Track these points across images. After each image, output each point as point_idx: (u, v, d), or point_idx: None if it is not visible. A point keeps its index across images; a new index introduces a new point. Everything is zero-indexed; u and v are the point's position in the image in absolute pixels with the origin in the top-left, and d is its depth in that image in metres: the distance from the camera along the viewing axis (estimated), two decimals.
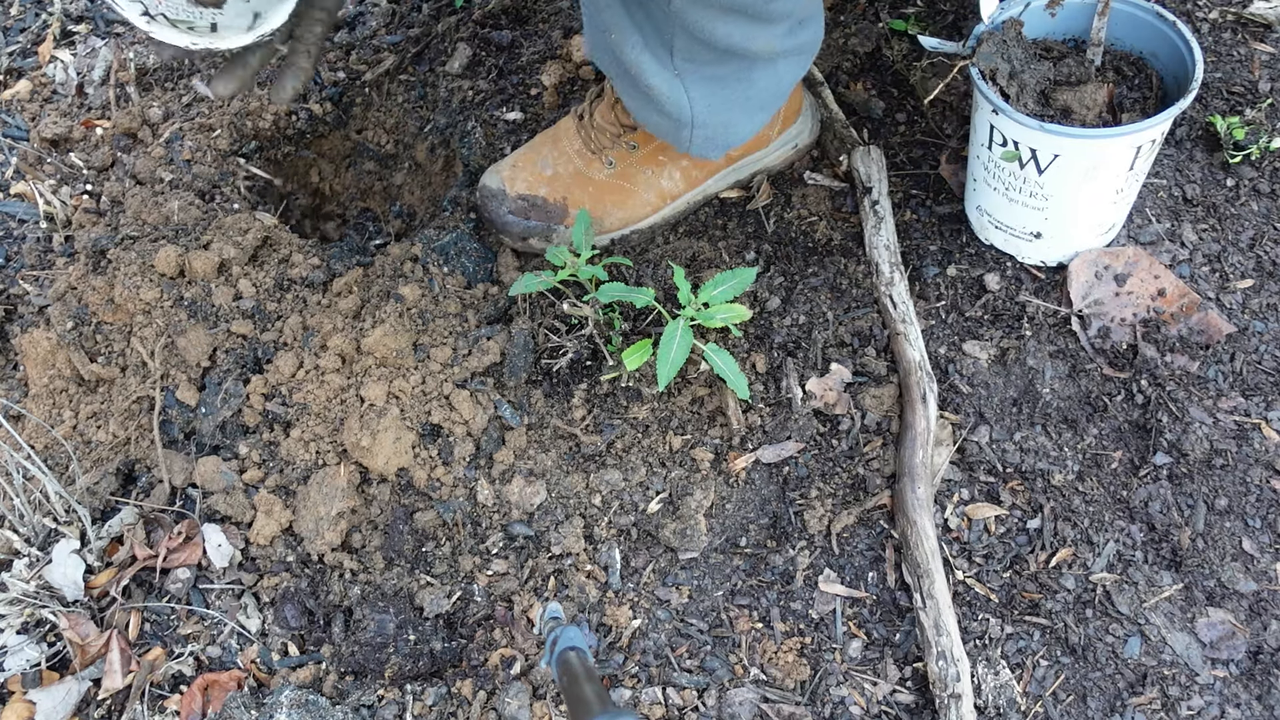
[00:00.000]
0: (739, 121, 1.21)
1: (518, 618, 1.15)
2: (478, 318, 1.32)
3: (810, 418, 1.24)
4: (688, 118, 1.17)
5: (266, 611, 1.18)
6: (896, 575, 1.16)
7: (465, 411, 1.24)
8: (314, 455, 1.22)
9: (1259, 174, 1.39)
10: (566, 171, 1.35)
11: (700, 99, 1.15)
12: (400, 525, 1.20)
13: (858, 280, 1.35)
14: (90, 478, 1.23)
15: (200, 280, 1.33)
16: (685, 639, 1.14)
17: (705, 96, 1.15)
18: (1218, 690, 1.08)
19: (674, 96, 1.15)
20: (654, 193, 1.36)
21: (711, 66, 1.12)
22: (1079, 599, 1.13)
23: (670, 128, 1.21)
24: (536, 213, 1.34)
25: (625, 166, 1.34)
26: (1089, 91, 1.17)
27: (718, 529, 1.20)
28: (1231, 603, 1.13)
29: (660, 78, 1.13)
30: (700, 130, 1.19)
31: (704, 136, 1.20)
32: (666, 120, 1.19)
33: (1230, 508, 1.17)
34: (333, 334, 1.28)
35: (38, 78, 1.63)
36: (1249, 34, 1.51)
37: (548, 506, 1.21)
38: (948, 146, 1.44)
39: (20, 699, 1.11)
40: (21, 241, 1.48)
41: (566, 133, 1.36)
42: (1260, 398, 1.23)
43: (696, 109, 1.16)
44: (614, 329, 1.30)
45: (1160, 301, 1.28)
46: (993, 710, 1.08)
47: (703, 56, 1.10)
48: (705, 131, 1.20)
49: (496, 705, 1.09)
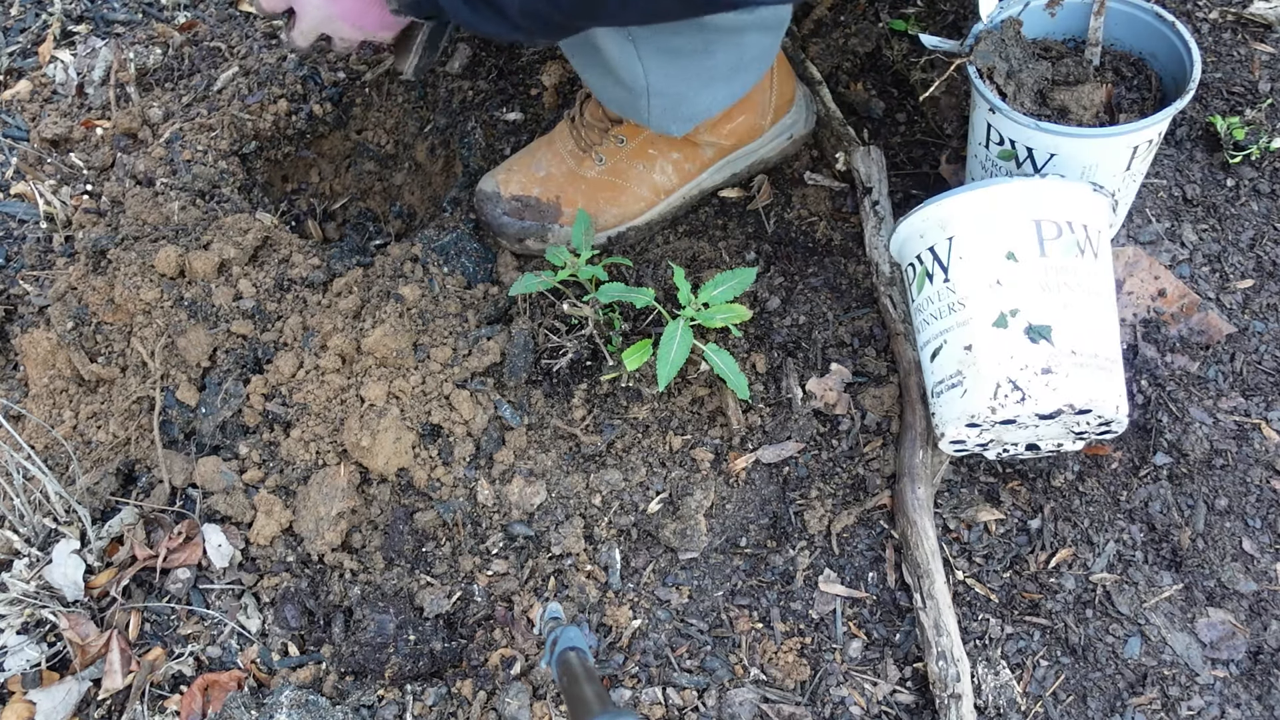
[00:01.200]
0: (697, 93, 1.20)
1: (518, 618, 1.15)
2: (478, 318, 1.32)
3: (810, 418, 1.24)
4: (642, 86, 1.17)
5: (266, 611, 1.18)
6: (896, 575, 1.16)
7: (465, 411, 1.24)
8: (314, 455, 1.22)
9: (1259, 174, 1.39)
10: (559, 171, 1.36)
11: (656, 68, 1.14)
12: (400, 525, 1.20)
13: (858, 280, 1.35)
14: (90, 478, 1.23)
15: (200, 280, 1.33)
16: (685, 639, 1.14)
17: (661, 66, 1.15)
18: (1218, 690, 1.08)
19: (627, 63, 1.14)
20: (647, 188, 1.36)
21: (665, 36, 1.11)
22: (1079, 599, 1.13)
23: (628, 99, 1.20)
24: (530, 213, 1.34)
25: (615, 162, 1.35)
26: (1087, 91, 1.17)
27: (718, 529, 1.20)
28: (1231, 603, 1.13)
29: (612, 40, 1.12)
30: (657, 100, 1.19)
31: (661, 107, 1.20)
32: (623, 90, 1.19)
33: (1230, 508, 1.17)
34: (333, 334, 1.28)
35: (38, 78, 1.63)
36: (1249, 34, 1.51)
37: (548, 506, 1.21)
38: (948, 146, 1.44)
39: (20, 699, 1.11)
40: (21, 241, 1.48)
41: (560, 135, 1.37)
42: (1260, 398, 1.23)
43: (652, 78, 1.15)
44: (614, 329, 1.30)
45: (1160, 302, 1.28)
46: (993, 710, 1.08)
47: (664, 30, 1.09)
48: (662, 101, 1.19)
49: (496, 705, 1.09)
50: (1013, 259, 1.08)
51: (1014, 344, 1.06)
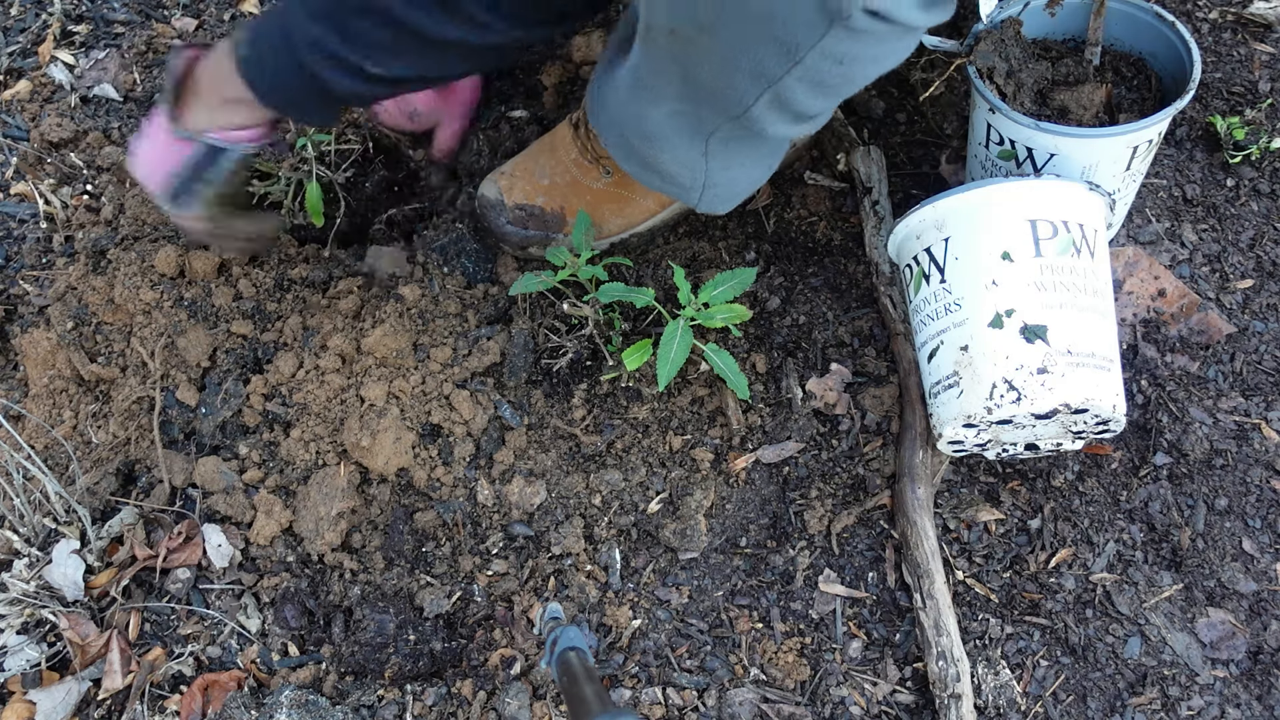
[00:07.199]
0: (748, 174, 1.18)
1: (518, 618, 1.15)
2: (478, 318, 1.32)
3: (810, 418, 1.24)
4: (701, 182, 1.15)
5: (266, 611, 1.18)
6: (896, 575, 1.16)
7: (465, 411, 1.24)
8: (314, 455, 1.22)
9: (1259, 174, 1.39)
10: (564, 180, 1.33)
11: (718, 168, 1.13)
12: (400, 525, 1.20)
13: (858, 280, 1.35)
14: (90, 478, 1.23)
15: (200, 280, 1.33)
16: (685, 639, 1.14)
17: (721, 167, 1.13)
18: (1218, 690, 1.08)
19: (691, 168, 1.13)
20: (653, 199, 1.35)
21: (741, 143, 1.09)
22: (1079, 599, 1.14)
23: (678, 190, 1.18)
24: (535, 222, 1.33)
25: (623, 175, 1.32)
26: (1086, 91, 1.17)
27: (718, 529, 1.20)
28: (1231, 603, 1.13)
29: (683, 158, 1.11)
30: (711, 190, 1.17)
31: (713, 195, 1.18)
32: (673, 185, 1.17)
33: (1230, 508, 1.17)
34: (333, 334, 1.28)
35: (38, 78, 1.63)
36: (1249, 34, 1.51)
37: (548, 506, 1.21)
38: (948, 146, 1.44)
39: (20, 699, 1.11)
40: (21, 241, 1.48)
41: (563, 141, 1.34)
42: (1260, 398, 1.23)
43: (712, 175, 1.14)
44: (614, 329, 1.30)
45: (1160, 302, 1.28)
46: (993, 710, 1.08)
47: (739, 138, 1.07)
48: (715, 190, 1.17)
49: (496, 705, 1.09)
50: (1008, 259, 1.08)
51: (1010, 344, 1.07)
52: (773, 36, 0.88)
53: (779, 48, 0.88)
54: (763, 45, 0.89)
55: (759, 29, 0.88)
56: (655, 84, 1.03)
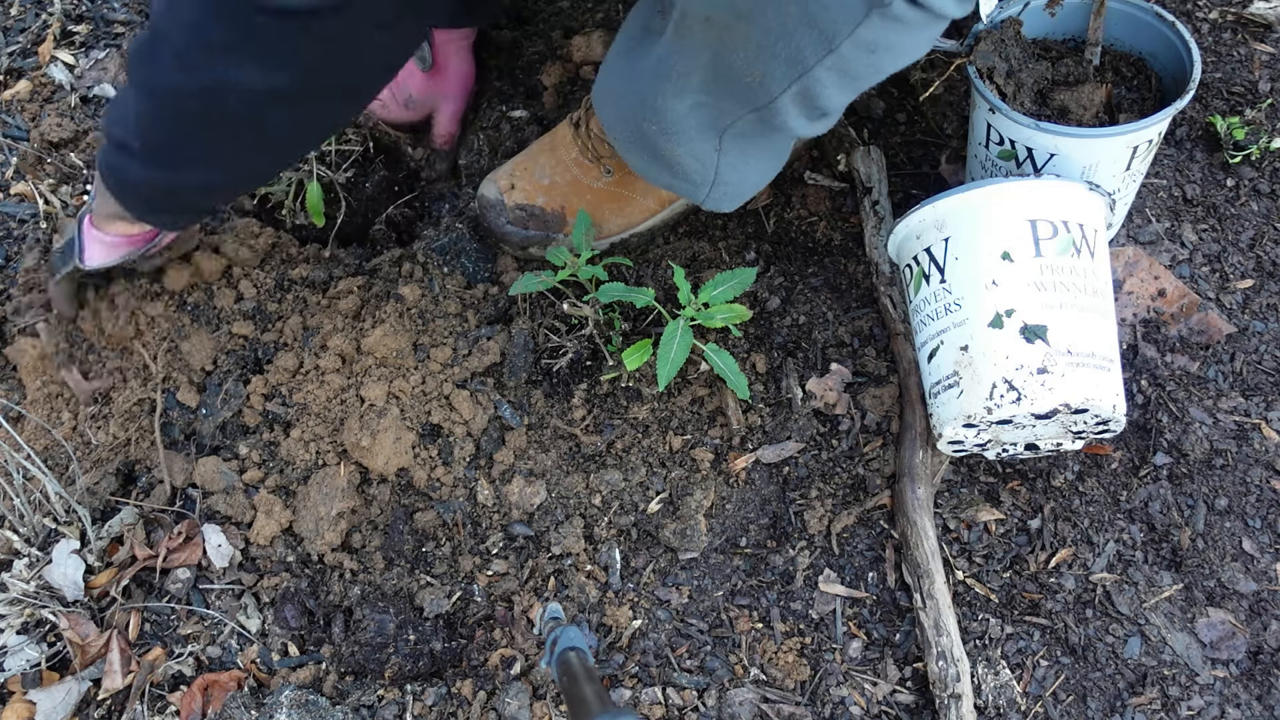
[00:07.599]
0: (756, 172, 1.18)
1: (518, 618, 1.15)
2: (478, 318, 1.32)
3: (810, 418, 1.24)
4: (710, 179, 1.15)
5: (266, 611, 1.18)
6: (896, 575, 1.16)
7: (465, 411, 1.24)
8: (314, 455, 1.22)
9: (1259, 174, 1.39)
10: (564, 180, 1.33)
11: (728, 166, 1.12)
12: (400, 525, 1.20)
13: (858, 280, 1.35)
14: (90, 478, 1.23)
15: (202, 283, 1.33)
16: (685, 639, 1.14)
17: (731, 165, 1.12)
18: (1218, 690, 1.08)
19: (703, 164, 1.12)
20: (653, 198, 1.35)
21: (753, 140, 1.08)
22: (1079, 599, 1.14)
23: (686, 188, 1.18)
24: (535, 222, 1.33)
25: (624, 175, 1.32)
26: (1086, 91, 1.17)
27: (718, 529, 1.20)
28: (1231, 603, 1.13)
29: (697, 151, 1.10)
30: (719, 188, 1.16)
31: (721, 193, 1.18)
32: (683, 182, 1.17)
33: (1230, 508, 1.17)
34: (333, 334, 1.28)
35: (38, 78, 1.63)
36: (1249, 34, 1.51)
37: (548, 506, 1.21)
38: (948, 146, 1.44)
39: (20, 699, 1.11)
40: (21, 241, 1.48)
41: (563, 140, 1.34)
42: (1260, 398, 1.23)
43: (722, 173, 1.14)
44: (614, 329, 1.30)
45: (1160, 302, 1.28)
46: (993, 710, 1.08)
47: (753, 134, 1.07)
48: (723, 189, 1.17)
49: (496, 705, 1.09)
50: (1008, 259, 1.08)
51: (1010, 344, 1.07)
52: (812, 23, 0.88)
53: (817, 35, 0.89)
54: (801, 31, 0.89)
55: (798, 15, 0.88)
56: (684, 74, 1.03)
